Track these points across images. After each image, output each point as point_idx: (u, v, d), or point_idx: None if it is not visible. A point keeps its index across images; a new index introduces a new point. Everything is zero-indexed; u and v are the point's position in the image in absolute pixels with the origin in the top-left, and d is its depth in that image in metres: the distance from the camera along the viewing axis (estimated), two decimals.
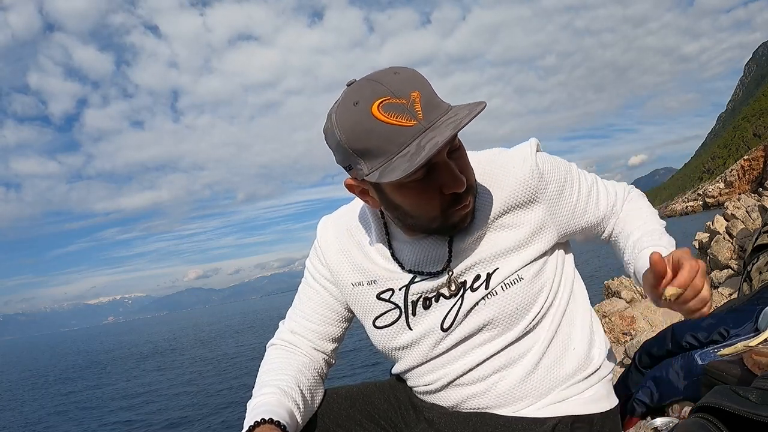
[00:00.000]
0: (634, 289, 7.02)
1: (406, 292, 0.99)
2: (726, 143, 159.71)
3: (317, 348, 1.08)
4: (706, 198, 52.14)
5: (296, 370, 1.00)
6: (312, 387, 1.01)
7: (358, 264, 1.04)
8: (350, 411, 1.03)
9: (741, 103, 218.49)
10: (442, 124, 0.77)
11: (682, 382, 1.39)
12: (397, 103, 0.76)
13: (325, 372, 1.10)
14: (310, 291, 1.10)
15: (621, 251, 1.05)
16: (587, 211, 1.04)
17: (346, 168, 0.88)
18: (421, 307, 0.99)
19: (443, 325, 0.97)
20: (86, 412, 14.84)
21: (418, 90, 0.78)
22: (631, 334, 3.41)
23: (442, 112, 0.79)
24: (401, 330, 1.01)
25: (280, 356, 1.05)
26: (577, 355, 0.98)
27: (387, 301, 1.01)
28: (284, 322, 1.12)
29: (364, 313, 1.05)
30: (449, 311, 0.96)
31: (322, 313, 1.08)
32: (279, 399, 0.90)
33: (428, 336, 0.98)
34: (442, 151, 0.81)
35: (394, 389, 1.09)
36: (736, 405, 0.71)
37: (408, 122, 0.76)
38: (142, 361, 28.19)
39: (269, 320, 44.23)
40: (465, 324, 0.96)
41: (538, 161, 0.98)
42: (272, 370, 1.00)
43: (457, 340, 0.97)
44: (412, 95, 0.77)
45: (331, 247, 1.08)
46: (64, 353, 54.17)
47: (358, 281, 1.04)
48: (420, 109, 0.76)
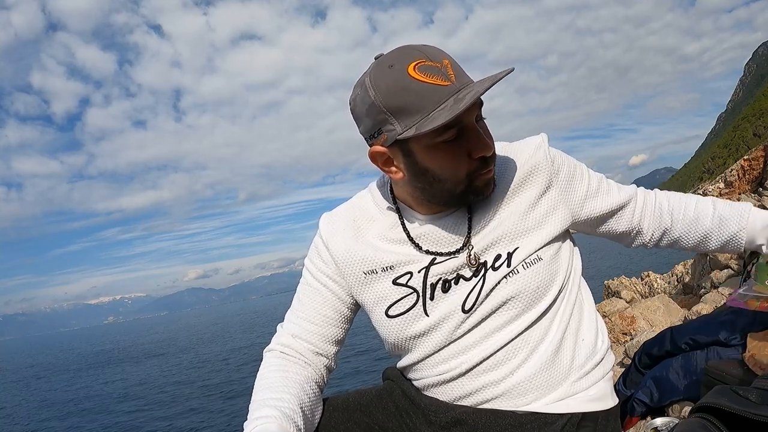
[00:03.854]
0: (634, 289, 7.03)
1: (425, 274, 0.97)
2: (726, 143, 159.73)
3: (320, 352, 1.04)
4: None
5: (298, 388, 0.94)
6: (313, 404, 0.96)
7: (368, 252, 1.01)
8: (348, 425, 1.00)
9: (741, 103, 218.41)
10: (475, 85, 0.83)
11: (682, 382, 1.39)
12: (432, 65, 0.82)
13: (326, 380, 1.05)
14: (311, 291, 1.06)
15: (709, 230, 1.06)
16: (598, 198, 1.05)
17: (372, 135, 0.90)
18: (440, 290, 0.96)
19: (464, 307, 0.94)
20: (86, 412, 14.83)
21: (448, 59, 0.85)
22: (631, 334, 3.42)
23: (470, 79, 0.85)
24: (418, 317, 0.97)
25: (280, 368, 0.99)
26: (587, 346, 0.98)
27: (404, 285, 0.98)
28: (283, 326, 1.08)
29: (376, 302, 1.01)
30: (471, 291, 0.94)
31: (324, 314, 1.04)
32: (281, 425, 0.84)
33: (448, 320, 0.95)
34: (473, 113, 0.86)
35: (391, 395, 1.06)
36: (736, 405, 0.71)
37: (443, 82, 0.82)
38: (142, 361, 28.18)
39: (269, 320, 44.21)
40: (486, 303, 0.94)
41: (550, 150, 1.02)
42: (272, 387, 0.93)
43: (478, 320, 0.94)
44: (444, 61, 0.84)
45: (337, 240, 1.04)
46: (64, 353, 54.16)
47: (371, 269, 1.00)
48: (452, 73, 0.83)
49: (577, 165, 1.06)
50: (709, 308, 3.10)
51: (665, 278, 7.30)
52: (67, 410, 15.80)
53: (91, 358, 39.65)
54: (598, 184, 1.06)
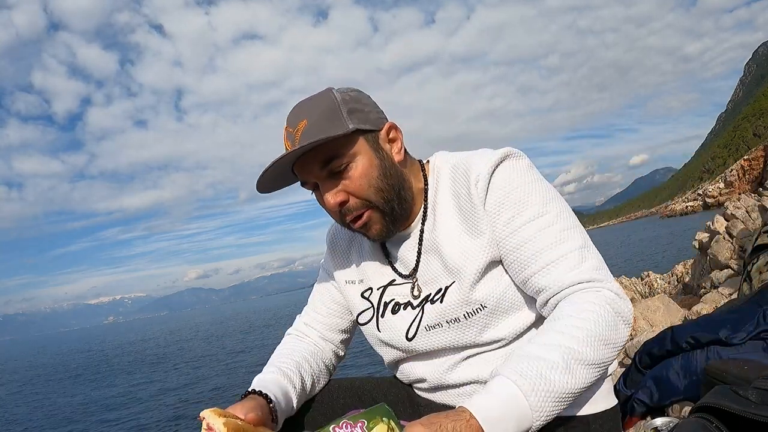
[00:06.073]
0: (634, 288, 7.04)
1: (381, 293, 1.06)
2: (726, 143, 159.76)
3: (326, 338, 1.17)
4: (706, 198, 52.14)
5: (301, 357, 1.09)
6: (314, 374, 1.08)
7: (353, 261, 1.13)
8: (347, 401, 1.08)
9: (741, 103, 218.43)
10: (286, 155, 0.90)
11: (682, 382, 1.39)
12: (288, 132, 0.93)
13: (334, 363, 1.18)
14: (320, 285, 1.21)
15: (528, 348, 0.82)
16: (514, 254, 0.90)
17: None
18: (390, 311, 1.04)
19: (407, 334, 1.01)
20: (86, 413, 14.84)
21: (306, 119, 0.91)
22: (631, 335, 3.41)
23: (314, 143, 0.88)
24: (374, 330, 1.07)
25: (290, 343, 1.16)
26: None
27: (366, 299, 1.09)
28: (301, 313, 1.23)
29: (351, 309, 1.14)
30: (412, 322, 1.01)
31: (328, 306, 1.17)
32: (275, 378, 0.99)
33: (394, 341, 1.04)
34: (312, 171, 0.93)
35: (393, 386, 1.13)
36: (736, 405, 0.71)
37: (289, 148, 0.91)
38: (143, 361, 28.20)
39: (269, 320, 44.25)
40: (428, 339, 0.99)
41: (494, 175, 0.92)
42: (280, 354, 1.11)
43: (422, 350, 1.01)
44: (299, 125, 0.91)
45: (336, 245, 1.17)
46: (64, 353, 54.21)
47: (351, 279, 1.13)
48: (298, 138, 0.90)
49: (516, 202, 0.90)
50: (709, 308, 3.10)
51: (665, 278, 7.30)
52: (67, 410, 15.80)
53: (91, 357, 39.68)
54: (538, 230, 0.88)
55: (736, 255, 4.60)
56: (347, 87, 0.98)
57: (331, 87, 0.97)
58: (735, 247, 4.69)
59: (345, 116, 0.92)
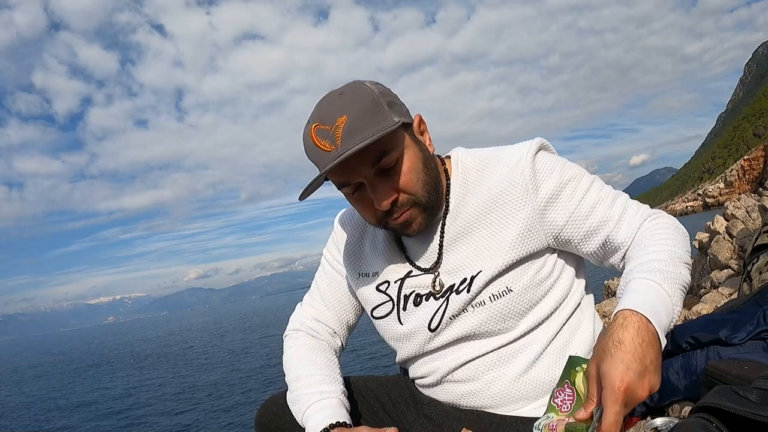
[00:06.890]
0: None
1: (400, 285, 1.04)
2: (726, 143, 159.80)
3: (335, 334, 1.15)
4: (706, 198, 52.14)
5: (334, 366, 1.07)
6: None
7: (366, 254, 1.11)
8: (349, 400, 1.06)
9: (741, 103, 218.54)
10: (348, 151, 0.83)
11: (682, 381, 1.39)
12: (323, 129, 0.86)
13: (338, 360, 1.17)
14: (329, 278, 1.17)
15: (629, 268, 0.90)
16: (586, 225, 0.95)
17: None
18: (412, 303, 1.03)
19: (430, 326, 1.00)
20: (86, 412, 14.84)
21: (345, 114, 0.85)
22: None
23: (359, 139, 0.83)
24: (393, 323, 1.05)
25: (314, 347, 1.10)
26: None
27: (383, 292, 1.06)
28: (303, 307, 1.18)
29: (365, 302, 1.11)
30: (436, 312, 0.99)
31: (340, 300, 1.15)
32: (341, 401, 0.98)
33: (417, 333, 1.02)
34: (364, 169, 0.87)
35: (396, 385, 1.13)
36: (736, 405, 0.71)
37: (329, 147, 0.85)
38: (142, 360, 28.20)
39: (269, 320, 44.22)
40: (452, 328, 0.98)
41: (535, 162, 0.96)
42: (315, 363, 1.05)
43: (445, 341, 0.99)
44: (337, 121, 0.85)
45: (345, 238, 1.14)
46: (64, 353, 54.21)
47: (364, 271, 1.10)
48: (340, 135, 0.84)
49: (568, 179, 0.96)
50: (709, 308, 3.10)
51: None
52: (66, 410, 15.80)
53: (91, 357, 39.68)
54: (591, 208, 0.95)
55: (736, 255, 4.60)
56: (370, 80, 0.94)
57: (360, 80, 0.92)
58: (735, 247, 4.68)
59: (387, 110, 0.88)
